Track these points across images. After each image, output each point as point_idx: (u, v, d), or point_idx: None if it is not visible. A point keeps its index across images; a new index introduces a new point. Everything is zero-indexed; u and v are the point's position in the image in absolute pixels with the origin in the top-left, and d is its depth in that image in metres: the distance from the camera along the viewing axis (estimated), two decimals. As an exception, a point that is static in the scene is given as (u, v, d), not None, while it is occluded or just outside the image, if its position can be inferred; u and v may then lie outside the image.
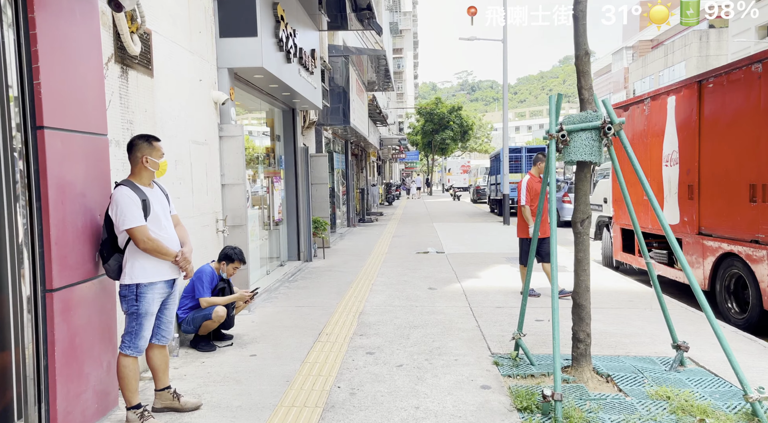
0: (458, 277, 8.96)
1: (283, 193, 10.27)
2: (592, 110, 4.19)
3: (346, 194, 18.60)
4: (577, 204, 4.36)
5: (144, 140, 3.56)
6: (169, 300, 3.72)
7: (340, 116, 13.36)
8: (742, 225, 6.31)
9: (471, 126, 46.22)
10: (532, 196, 7.12)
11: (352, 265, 10.44)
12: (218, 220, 6.40)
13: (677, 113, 7.84)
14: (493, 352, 5.09)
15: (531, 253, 4.89)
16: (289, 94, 8.80)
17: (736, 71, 6.50)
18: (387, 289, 8.06)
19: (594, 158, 4.12)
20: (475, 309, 6.74)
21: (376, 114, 21.24)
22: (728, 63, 6.76)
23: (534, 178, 7.21)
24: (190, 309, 5.20)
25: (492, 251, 11.93)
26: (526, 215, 7.10)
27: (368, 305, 7.02)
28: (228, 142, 6.59)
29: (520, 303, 6.91)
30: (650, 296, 7.34)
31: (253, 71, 6.96)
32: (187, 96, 5.66)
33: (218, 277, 5.34)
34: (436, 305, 6.97)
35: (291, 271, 9.67)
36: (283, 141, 10.40)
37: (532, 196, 7.12)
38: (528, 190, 7.13)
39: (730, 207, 6.58)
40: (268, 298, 7.57)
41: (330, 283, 8.64)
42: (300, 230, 10.57)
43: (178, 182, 5.36)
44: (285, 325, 6.11)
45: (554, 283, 3.97)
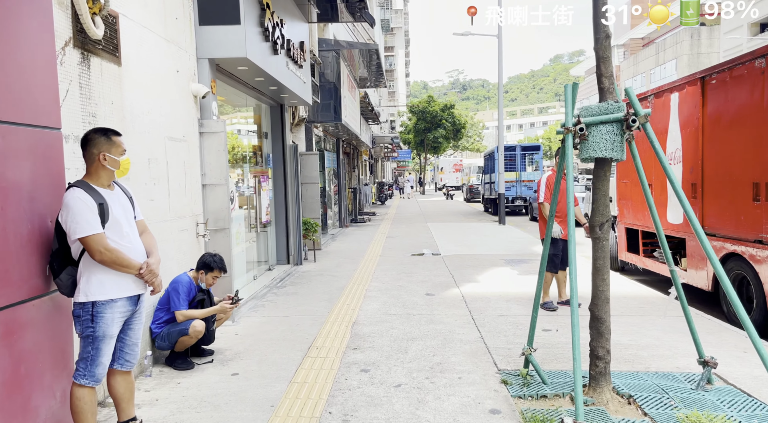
0: (456, 281, 8.50)
1: (271, 193, 9.77)
2: (612, 100, 3.74)
3: (337, 194, 18.11)
4: (596, 205, 3.91)
5: (101, 134, 3.07)
6: (134, 319, 3.22)
7: (331, 113, 12.86)
8: (746, 225, 6.06)
9: (464, 124, 45.80)
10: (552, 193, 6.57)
11: (344, 268, 9.96)
12: (198, 224, 5.90)
13: (680, 110, 7.51)
14: (500, 368, 4.63)
15: (543, 259, 4.42)
16: (277, 88, 8.30)
17: (739, 67, 6.23)
18: (382, 295, 7.58)
19: (615, 154, 3.67)
20: (476, 317, 6.28)
21: (368, 111, 20.75)
22: (731, 58, 6.46)
23: (555, 174, 6.67)
24: (166, 323, 4.70)
25: (489, 253, 11.49)
26: (544, 213, 6.57)
27: (362, 314, 6.54)
28: (209, 139, 6.09)
29: (524, 310, 6.47)
30: (661, 302, 6.91)
31: (236, 62, 6.46)
32: (162, 88, 5.15)
33: (196, 288, 4.85)
34: (434, 313, 6.50)
35: (280, 275, 9.18)
36: (271, 138, 9.90)
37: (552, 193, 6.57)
38: (548, 186, 6.59)
39: (733, 206, 6.31)
40: (255, 306, 7.07)
41: (321, 288, 8.16)
42: (289, 232, 10.08)
43: (152, 183, 4.86)
44: (272, 338, 5.62)
45: (574, 294, 3.52)
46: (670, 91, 7.74)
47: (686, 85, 7.38)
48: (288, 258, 10.12)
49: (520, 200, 22.37)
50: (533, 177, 22.42)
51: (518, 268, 9.53)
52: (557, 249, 6.54)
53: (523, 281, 8.38)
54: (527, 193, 22.18)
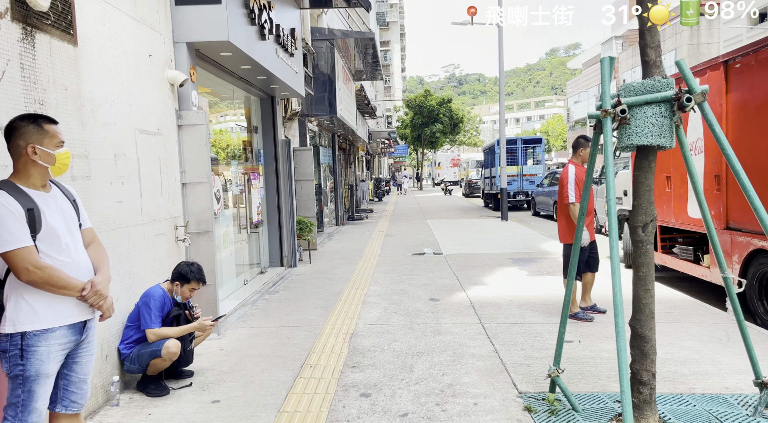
0: (462, 284, 7.89)
1: (262, 191, 9.15)
2: (660, 76, 3.12)
3: (333, 191, 17.48)
4: (638, 202, 3.30)
5: (29, 122, 2.44)
6: (80, 351, 2.61)
7: (325, 106, 12.23)
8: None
9: (461, 119, 45.20)
10: (582, 191, 5.85)
11: (341, 270, 9.34)
12: (178, 227, 5.28)
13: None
14: (521, 390, 4.03)
15: (572, 266, 3.81)
16: (266, 78, 7.67)
17: (766, 49, 5.65)
18: (382, 300, 6.97)
19: (664, 141, 3.07)
20: (488, 327, 5.67)
21: (365, 105, 20.10)
22: (757, 40, 5.90)
23: (580, 169, 5.94)
24: (136, 342, 4.09)
25: (494, 251, 10.89)
26: (575, 214, 5.81)
27: (361, 323, 5.93)
28: (189, 132, 5.46)
29: (539, 318, 5.86)
30: (690, 306, 6.32)
31: (218, 47, 5.82)
32: (131, 74, 4.52)
33: (171, 301, 4.23)
34: (441, 322, 5.90)
35: (272, 279, 8.56)
36: (262, 133, 9.27)
37: (582, 191, 5.85)
38: (577, 182, 5.82)
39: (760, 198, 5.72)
40: (244, 315, 6.45)
41: (316, 293, 7.54)
42: (282, 232, 9.46)
43: (120, 182, 4.24)
44: (260, 354, 5.01)
45: (618, 303, 2.91)
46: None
47: (708, 70, 6.81)
48: (281, 260, 9.51)
49: (522, 195, 21.77)
50: (535, 171, 21.84)
51: (527, 269, 8.93)
52: (583, 252, 5.93)
53: (534, 283, 7.78)
54: (529, 187, 21.59)
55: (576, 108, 78.32)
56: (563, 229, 6.00)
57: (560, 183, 5.92)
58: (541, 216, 19.31)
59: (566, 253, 6.02)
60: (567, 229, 5.94)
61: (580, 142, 5.97)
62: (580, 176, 5.83)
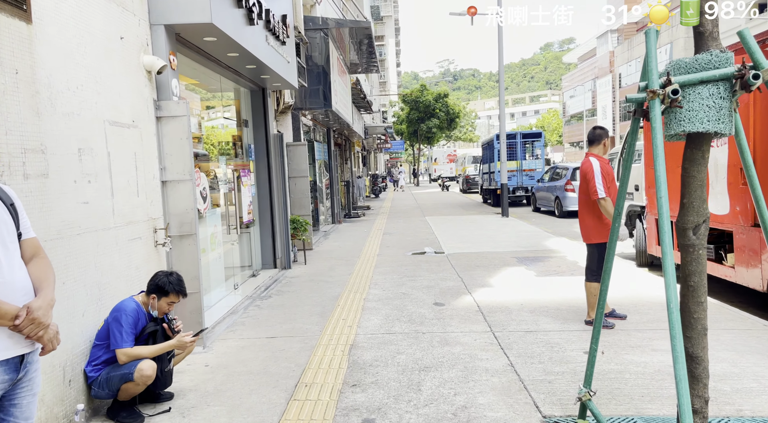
0: (467, 286, 7.41)
1: (253, 188, 8.63)
2: (717, 50, 2.63)
3: (329, 188, 16.96)
4: (688, 200, 2.81)
5: None
6: (18, 392, 2.10)
7: (320, 99, 11.70)
8: None
9: (458, 114, 44.69)
10: (608, 184, 5.31)
11: (338, 272, 8.84)
12: (157, 230, 4.76)
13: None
14: (545, 413, 3.55)
15: (607, 273, 3.33)
16: (256, 67, 7.14)
17: None
18: (383, 305, 6.48)
19: (722, 127, 2.57)
20: (499, 336, 5.19)
21: (360, 99, 19.56)
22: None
23: (604, 161, 5.46)
24: (105, 363, 3.58)
25: (498, 250, 10.41)
26: (608, 210, 5.18)
27: (361, 332, 5.44)
28: (168, 125, 4.94)
29: (555, 325, 5.38)
30: (714, 309, 5.85)
31: (201, 31, 5.30)
32: (99, 58, 4.00)
33: (146, 316, 3.72)
34: (448, 330, 5.41)
35: (265, 282, 8.05)
36: (252, 127, 8.74)
37: (608, 184, 5.31)
38: (604, 176, 5.30)
39: None
40: (233, 324, 5.95)
41: (312, 298, 7.04)
42: (275, 232, 8.95)
43: (86, 180, 3.73)
44: (250, 371, 4.51)
45: (674, 321, 2.42)
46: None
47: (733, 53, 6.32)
48: (275, 261, 9.00)
49: (522, 190, 21.30)
50: (534, 166, 21.37)
51: (534, 268, 8.46)
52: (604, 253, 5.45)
53: (545, 285, 7.30)
54: (529, 182, 21.12)
55: (571, 102, 77.93)
56: (589, 228, 5.45)
57: (583, 178, 5.39)
58: (542, 212, 18.86)
59: (592, 253, 5.48)
60: (594, 227, 5.39)
61: (600, 133, 5.48)
62: (605, 169, 5.34)
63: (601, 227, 5.29)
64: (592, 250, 5.45)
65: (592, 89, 69.09)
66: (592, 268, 5.41)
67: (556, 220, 16.10)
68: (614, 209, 3.12)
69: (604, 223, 5.28)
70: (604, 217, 5.26)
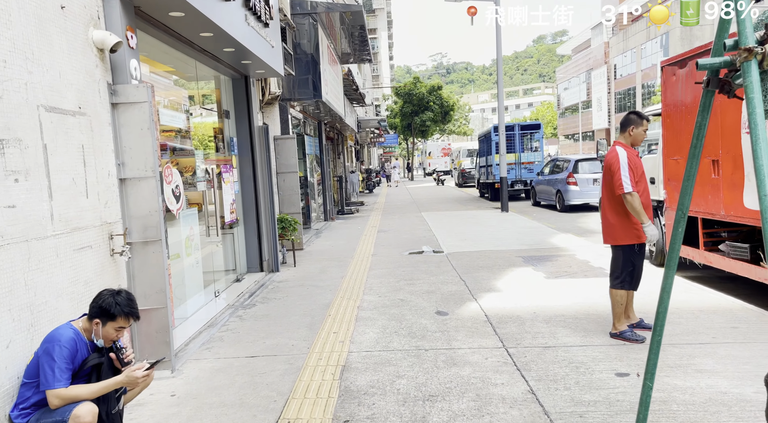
0: (471, 290, 6.74)
1: (237, 185, 7.92)
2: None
3: (321, 183, 16.24)
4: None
5: None
6: None
7: (309, 89, 10.97)
8: None
9: (452, 106, 43.96)
10: (637, 177, 4.61)
11: (330, 275, 8.15)
12: (113, 237, 4.05)
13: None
14: (582, 461, 2.87)
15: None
16: (234, 50, 6.42)
17: None
18: (379, 315, 5.80)
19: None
20: (514, 353, 4.52)
21: (353, 91, 18.81)
22: None
23: (632, 151, 4.73)
24: (36, 407, 2.88)
25: (500, 248, 9.74)
26: (636, 207, 4.45)
27: (354, 349, 4.76)
28: (127, 113, 4.22)
29: (576, 338, 4.70)
30: (755, 317, 5.18)
31: (164, 3, 4.57)
32: (30, 30, 3.28)
33: (88, 346, 3.01)
34: (454, 346, 4.73)
35: (250, 288, 7.35)
36: (235, 118, 8.02)
37: (637, 177, 4.61)
38: (631, 167, 4.55)
39: None
40: (210, 341, 5.25)
41: (301, 306, 6.36)
42: (261, 233, 8.24)
43: (11, 179, 3.01)
44: (224, 402, 3.82)
45: None
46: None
47: None
48: (261, 264, 8.30)
49: (520, 184, 20.64)
50: (533, 159, 20.70)
51: (543, 269, 7.79)
52: (640, 257, 4.75)
53: (557, 289, 6.64)
54: (527, 176, 20.46)
55: (566, 94, 77.37)
56: (613, 228, 4.74)
57: (607, 170, 4.69)
58: (542, 206, 18.21)
59: (617, 257, 4.76)
60: (619, 226, 4.68)
61: (631, 119, 4.75)
62: (633, 160, 4.63)
63: (627, 226, 4.60)
64: (616, 252, 4.75)
65: (586, 81, 68.52)
66: (616, 273, 4.72)
67: (559, 215, 15.46)
68: (678, 210, 2.44)
69: (632, 222, 4.59)
70: (632, 216, 4.57)
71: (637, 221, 4.51)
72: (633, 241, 4.58)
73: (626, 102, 58.24)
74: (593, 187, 15.42)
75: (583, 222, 13.82)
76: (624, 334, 4.63)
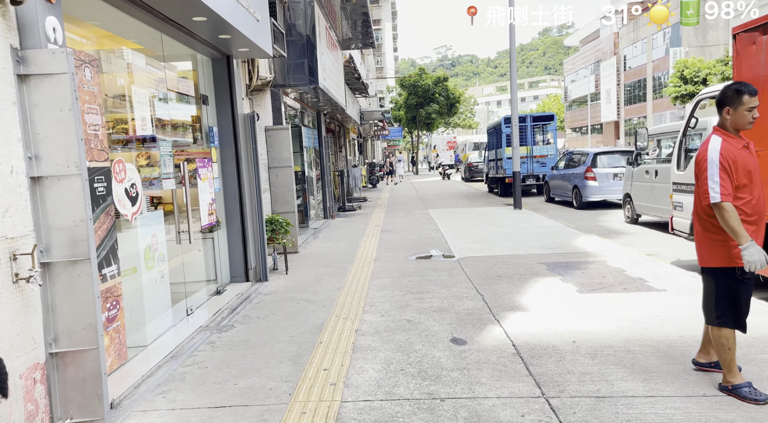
0: (491, 308, 5.65)
1: (217, 182, 6.85)
2: None
3: (320, 179, 15.15)
4: None
5: None
6: None
7: (304, 74, 9.86)
8: None
9: (458, 98, 42.74)
10: (742, 179, 3.38)
11: (326, 285, 7.08)
12: (16, 257, 2.97)
13: None
14: None
15: None
16: (207, 20, 5.31)
17: None
18: (381, 344, 4.72)
19: None
20: (558, 406, 3.42)
21: (355, 80, 17.66)
22: None
23: (732, 142, 3.43)
24: None
25: (519, 252, 8.64)
26: (729, 223, 3.26)
27: (349, 397, 3.68)
28: (41, 88, 3.14)
29: (636, 383, 3.58)
30: None
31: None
32: None
33: None
34: (477, 394, 3.65)
35: (231, 303, 6.29)
36: (215, 105, 6.94)
37: (742, 179, 3.38)
38: (726, 167, 3.33)
39: None
40: (169, 378, 4.17)
41: (287, 329, 5.28)
42: (247, 236, 7.16)
43: None
44: (163, 489, 2.74)
45: None
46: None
47: None
48: (246, 273, 7.22)
49: (532, 179, 19.49)
50: (546, 152, 19.55)
51: (572, 280, 6.69)
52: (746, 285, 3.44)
53: (593, 307, 5.54)
54: (540, 170, 19.31)
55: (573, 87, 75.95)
56: (699, 243, 3.60)
57: (696, 167, 3.51)
58: (557, 202, 17.08)
59: (708, 285, 3.58)
60: (706, 243, 3.53)
61: (727, 96, 3.46)
62: (733, 155, 3.37)
63: (719, 244, 3.43)
64: (707, 279, 3.58)
65: (595, 72, 67.07)
66: (709, 305, 3.55)
67: (576, 213, 14.34)
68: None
69: (726, 239, 3.39)
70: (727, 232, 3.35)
71: (731, 240, 3.35)
72: (726, 264, 3.42)
73: (636, 93, 56.88)
74: (613, 183, 14.30)
75: (605, 220, 12.71)
76: (739, 391, 3.40)
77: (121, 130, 4.94)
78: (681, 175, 7.52)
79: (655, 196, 10.41)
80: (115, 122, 4.84)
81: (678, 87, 35.55)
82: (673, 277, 6.56)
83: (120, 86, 5.05)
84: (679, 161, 7.62)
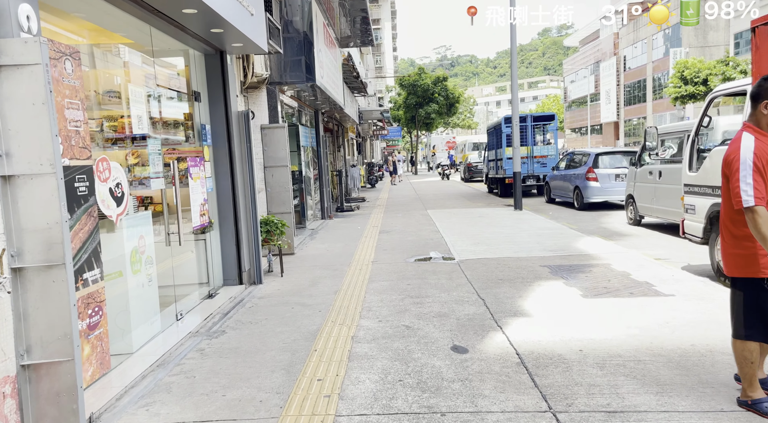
0: (493, 313, 5.43)
1: (210, 182, 6.63)
2: None
3: (318, 178, 14.93)
4: None
5: None
6: None
7: (301, 71, 9.64)
8: None
9: (457, 98, 42.51)
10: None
11: (322, 288, 6.86)
12: (-17, 262, 2.75)
13: None
14: None
15: None
16: (198, 12, 5.10)
17: None
18: (379, 351, 4.50)
19: None
20: (565, 420, 3.20)
21: (353, 79, 17.44)
22: None
23: (765, 139, 3.15)
24: None
25: (521, 254, 8.42)
26: (761, 230, 2.99)
27: (344, 412, 3.46)
28: (12, 80, 2.92)
29: (649, 397, 3.36)
30: None
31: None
32: None
33: None
34: (480, 407, 3.43)
35: (223, 307, 6.07)
36: (208, 102, 6.72)
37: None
38: (759, 167, 3.05)
39: None
40: (154, 389, 3.95)
41: (281, 335, 5.06)
42: (240, 238, 6.94)
43: None
44: None
45: None
46: None
47: None
48: (240, 276, 7.00)
49: (532, 179, 19.28)
50: (547, 152, 19.34)
51: (576, 284, 6.48)
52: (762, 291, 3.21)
53: (600, 313, 5.33)
54: (540, 170, 19.11)
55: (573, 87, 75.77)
56: (726, 251, 3.34)
57: (725, 167, 3.26)
58: (557, 203, 16.88)
59: (735, 296, 3.32)
60: (733, 251, 3.28)
61: (765, 88, 3.15)
62: (765, 155, 3.10)
63: (749, 252, 3.17)
64: (734, 290, 3.32)
65: (594, 73, 66.89)
66: (738, 316, 3.28)
67: (577, 214, 14.13)
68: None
69: (755, 247, 3.14)
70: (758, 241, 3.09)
71: (761, 249, 3.09)
72: (754, 275, 3.17)
73: (636, 94, 56.71)
74: (615, 184, 14.10)
75: (606, 222, 12.50)
76: (759, 406, 3.17)
77: (107, 127, 4.72)
78: (693, 177, 7.21)
79: (659, 198, 10.19)
80: (100, 119, 4.62)
81: (678, 88, 35.41)
82: (681, 282, 6.35)
83: (106, 81, 4.83)
84: (691, 162, 7.30)
